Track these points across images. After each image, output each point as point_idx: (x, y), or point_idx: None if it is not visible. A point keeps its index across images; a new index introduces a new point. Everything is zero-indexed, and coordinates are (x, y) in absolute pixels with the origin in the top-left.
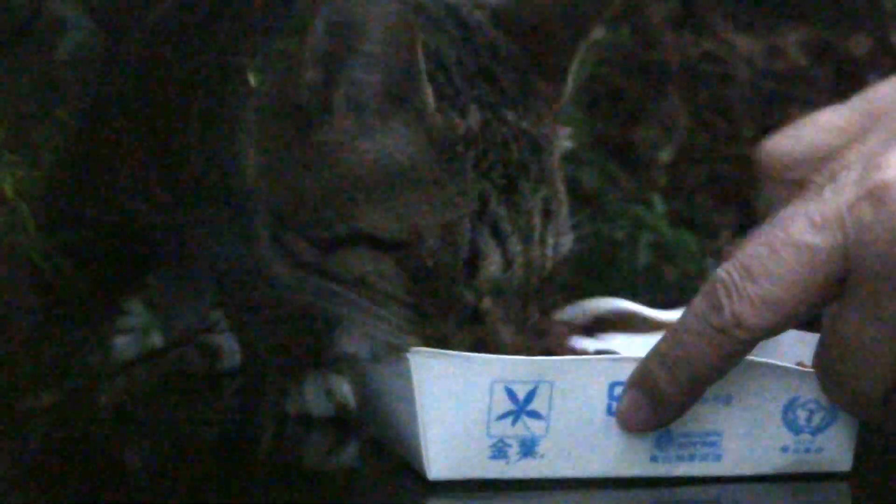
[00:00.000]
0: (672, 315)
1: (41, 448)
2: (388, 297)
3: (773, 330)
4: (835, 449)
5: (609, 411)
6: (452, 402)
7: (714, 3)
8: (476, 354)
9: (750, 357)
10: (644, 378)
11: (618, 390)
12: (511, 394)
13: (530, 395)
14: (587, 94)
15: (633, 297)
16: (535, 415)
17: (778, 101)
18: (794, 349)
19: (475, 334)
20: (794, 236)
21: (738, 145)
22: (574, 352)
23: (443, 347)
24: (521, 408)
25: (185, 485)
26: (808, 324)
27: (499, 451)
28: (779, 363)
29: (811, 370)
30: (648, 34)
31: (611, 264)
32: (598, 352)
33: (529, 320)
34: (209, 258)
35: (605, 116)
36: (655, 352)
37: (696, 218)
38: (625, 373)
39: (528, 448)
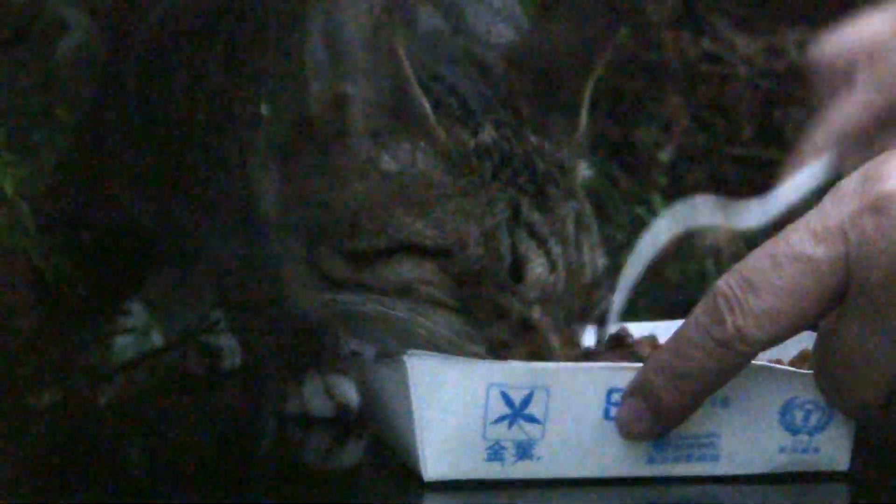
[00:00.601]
0: None
1: (41, 448)
2: (437, 303)
3: (775, 341)
4: (832, 449)
5: (606, 416)
6: (448, 404)
7: (714, 3)
8: (472, 359)
9: None
10: (644, 387)
11: (615, 396)
12: (507, 398)
13: (526, 400)
14: None
15: (633, 296)
16: (531, 419)
17: (778, 101)
18: (796, 344)
19: (528, 343)
20: (796, 248)
21: (737, 145)
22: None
23: (500, 355)
24: (517, 412)
25: (185, 485)
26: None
27: (495, 453)
28: (776, 366)
29: (808, 371)
30: (648, 34)
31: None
32: None
33: (576, 332)
34: (210, 259)
35: (605, 116)
36: (656, 361)
37: None
38: (622, 380)
39: (525, 451)
